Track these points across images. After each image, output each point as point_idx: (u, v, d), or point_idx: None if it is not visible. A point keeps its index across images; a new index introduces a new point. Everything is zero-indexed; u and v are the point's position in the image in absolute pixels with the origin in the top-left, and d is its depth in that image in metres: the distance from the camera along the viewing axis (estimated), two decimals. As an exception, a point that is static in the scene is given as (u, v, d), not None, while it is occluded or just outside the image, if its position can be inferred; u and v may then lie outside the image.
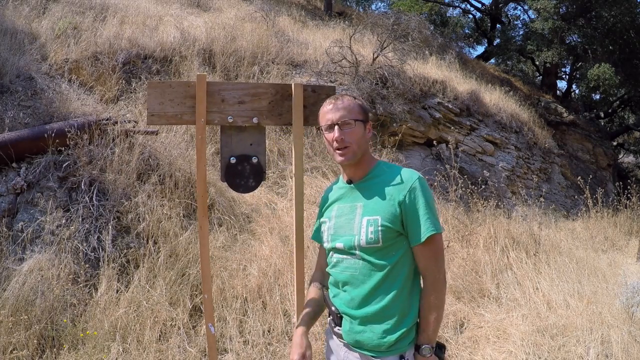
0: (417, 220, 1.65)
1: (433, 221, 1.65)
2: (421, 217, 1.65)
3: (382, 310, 1.64)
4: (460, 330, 3.74)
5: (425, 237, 1.64)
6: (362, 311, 1.67)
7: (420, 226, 1.64)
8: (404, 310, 1.65)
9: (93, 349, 3.15)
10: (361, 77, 7.66)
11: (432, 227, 1.64)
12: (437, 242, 1.68)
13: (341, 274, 1.74)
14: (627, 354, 3.25)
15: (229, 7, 10.01)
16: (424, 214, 1.65)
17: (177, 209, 4.48)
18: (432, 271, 1.67)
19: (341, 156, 1.72)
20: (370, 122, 1.81)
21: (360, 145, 1.73)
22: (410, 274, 1.69)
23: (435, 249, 1.67)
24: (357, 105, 1.77)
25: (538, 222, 5.67)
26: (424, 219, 1.64)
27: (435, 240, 1.66)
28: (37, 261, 3.60)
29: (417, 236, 1.65)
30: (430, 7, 16.01)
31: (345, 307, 1.71)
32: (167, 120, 2.07)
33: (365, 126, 1.77)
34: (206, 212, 2.09)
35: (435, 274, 1.67)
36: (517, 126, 9.81)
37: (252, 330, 3.54)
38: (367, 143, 1.78)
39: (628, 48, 12.70)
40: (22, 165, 4.28)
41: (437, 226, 1.66)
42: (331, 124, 1.73)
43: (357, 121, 1.73)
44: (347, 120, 1.72)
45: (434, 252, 1.67)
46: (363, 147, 1.75)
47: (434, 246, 1.66)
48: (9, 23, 6.42)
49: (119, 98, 6.18)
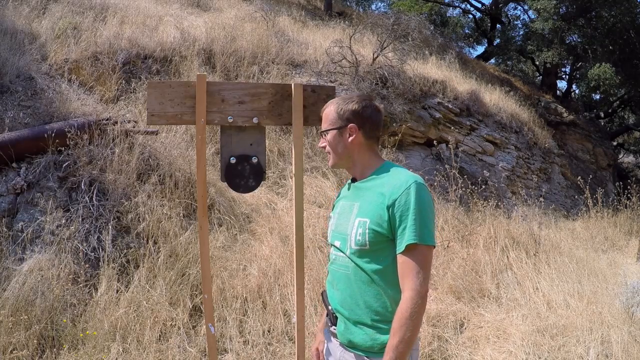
0: (404, 227, 1.55)
1: (419, 230, 1.54)
2: (408, 224, 1.54)
3: (373, 313, 1.61)
4: (460, 330, 3.74)
5: (404, 246, 1.54)
6: (354, 312, 1.65)
7: (405, 234, 1.55)
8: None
9: (93, 349, 3.15)
10: (361, 77, 7.66)
11: (414, 236, 1.53)
12: (419, 254, 1.54)
13: (336, 272, 1.74)
14: (627, 354, 3.25)
15: (229, 7, 10.01)
16: (410, 221, 1.54)
17: (177, 209, 4.48)
18: (409, 285, 1.52)
19: (328, 161, 1.82)
20: (353, 125, 1.72)
21: (337, 151, 1.75)
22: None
23: (415, 261, 1.53)
24: (332, 112, 1.75)
25: (538, 222, 5.67)
26: (409, 226, 1.54)
27: (416, 251, 1.54)
28: (37, 261, 3.59)
29: (400, 244, 1.56)
30: (430, 7, 16.00)
31: (339, 307, 1.70)
32: (167, 120, 2.07)
33: (342, 132, 1.73)
34: (206, 212, 2.09)
35: (412, 289, 1.52)
36: (517, 126, 9.81)
37: (252, 330, 3.54)
38: (347, 148, 1.73)
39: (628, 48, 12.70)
40: (22, 165, 4.28)
41: (423, 237, 1.54)
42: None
43: (330, 130, 1.75)
44: (325, 129, 1.77)
45: (412, 265, 1.53)
46: (342, 152, 1.75)
47: (414, 257, 1.54)
48: (9, 23, 6.42)
49: (118, 98, 6.18)
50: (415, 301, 1.51)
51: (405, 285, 1.54)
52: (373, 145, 1.77)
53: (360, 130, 1.73)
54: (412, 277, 1.53)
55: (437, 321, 3.77)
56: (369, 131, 1.74)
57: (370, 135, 1.75)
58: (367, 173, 1.74)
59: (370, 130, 1.75)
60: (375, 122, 1.76)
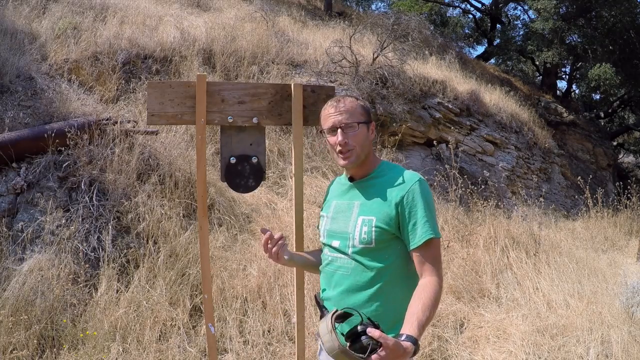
0: (414, 223, 1.59)
1: (431, 225, 1.60)
2: (419, 220, 1.59)
3: (372, 314, 1.57)
4: (460, 330, 3.74)
5: (423, 241, 1.58)
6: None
7: (418, 229, 1.59)
8: (396, 316, 1.57)
9: (93, 349, 3.15)
10: (361, 77, 7.66)
11: (431, 231, 1.59)
12: (435, 247, 1.62)
13: (333, 274, 1.72)
14: (627, 354, 3.25)
15: (229, 7, 10.01)
16: (422, 217, 1.59)
17: (177, 209, 4.48)
18: (429, 273, 1.60)
19: (344, 159, 1.69)
20: (373, 122, 1.77)
21: (363, 147, 1.70)
22: (405, 278, 1.64)
23: (433, 254, 1.61)
24: (359, 106, 1.73)
25: (538, 222, 5.67)
26: (422, 222, 1.59)
27: (433, 244, 1.60)
28: (37, 261, 3.59)
29: (414, 240, 1.60)
30: (430, 7, 16.01)
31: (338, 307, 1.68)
32: (167, 120, 2.07)
33: (369, 127, 1.73)
34: (206, 212, 2.09)
35: (433, 276, 1.59)
36: (517, 126, 9.81)
37: (252, 330, 3.54)
38: (370, 144, 1.74)
39: (628, 48, 12.71)
40: (22, 165, 4.28)
41: (435, 230, 1.61)
42: (333, 126, 1.69)
43: (360, 123, 1.69)
44: (350, 123, 1.68)
45: (431, 257, 1.60)
46: (366, 149, 1.72)
47: (431, 250, 1.60)
48: (9, 23, 6.42)
49: (118, 98, 6.18)
50: (441, 285, 1.58)
51: (425, 273, 1.59)
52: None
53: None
54: (432, 268, 1.59)
55: (437, 321, 3.77)
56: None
57: None
58: (367, 172, 1.74)
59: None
60: None
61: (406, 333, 1.42)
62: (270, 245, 1.79)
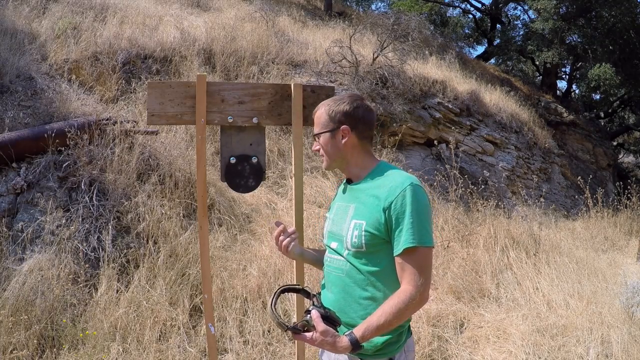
0: (400, 230, 1.55)
1: (417, 232, 1.53)
2: (404, 227, 1.54)
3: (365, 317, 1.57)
4: (460, 330, 3.74)
5: (403, 249, 1.53)
6: (347, 315, 1.63)
7: (402, 237, 1.54)
8: None
9: (93, 349, 3.15)
10: (361, 77, 7.66)
11: (412, 239, 1.53)
12: (419, 255, 1.54)
13: (330, 274, 1.73)
14: (627, 354, 3.25)
15: (229, 7, 10.00)
16: (407, 224, 1.53)
17: (177, 209, 4.48)
18: (406, 282, 1.54)
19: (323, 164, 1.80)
20: (345, 126, 1.69)
21: (330, 154, 1.73)
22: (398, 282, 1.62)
23: (415, 262, 1.54)
24: (324, 115, 1.72)
25: (538, 222, 5.68)
26: (406, 229, 1.53)
27: (416, 252, 1.54)
28: (37, 261, 3.60)
29: (397, 247, 1.55)
30: (430, 7, 16.01)
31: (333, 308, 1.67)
32: (167, 120, 2.07)
33: (334, 134, 1.70)
34: (206, 212, 2.09)
35: (408, 285, 1.53)
36: (517, 126, 9.81)
37: (252, 330, 3.54)
38: (341, 150, 1.71)
39: (628, 48, 12.71)
40: (22, 165, 4.28)
41: (422, 239, 1.54)
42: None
43: (323, 133, 1.72)
44: (317, 132, 1.75)
45: (412, 265, 1.53)
46: (336, 155, 1.72)
47: (413, 259, 1.54)
48: (9, 23, 6.42)
49: (118, 98, 6.18)
50: (413, 296, 1.52)
51: (404, 281, 1.55)
52: (367, 146, 1.74)
53: (353, 132, 1.70)
54: (413, 276, 1.54)
55: (437, 321, 3.77)
56: (362, 132, 1.71)
57: (364, 135, 1.72)
58: (363, 174, 1.72)
59: (363, 130, 1.71)
60: (368, 122, 1.73)
61: (352, 331, 1.53)
62: (282, 238, 1.86)
